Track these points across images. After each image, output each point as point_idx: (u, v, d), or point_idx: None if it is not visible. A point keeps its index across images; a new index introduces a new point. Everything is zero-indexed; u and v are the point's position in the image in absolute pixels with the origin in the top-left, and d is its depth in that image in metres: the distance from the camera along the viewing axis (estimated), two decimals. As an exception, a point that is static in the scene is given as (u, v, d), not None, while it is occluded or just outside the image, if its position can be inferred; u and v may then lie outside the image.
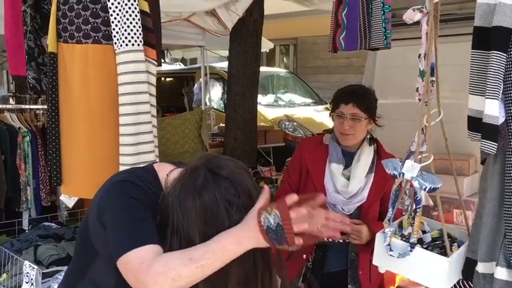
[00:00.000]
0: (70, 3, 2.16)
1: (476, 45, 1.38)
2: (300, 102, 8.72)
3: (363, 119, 2.25)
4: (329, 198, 2.28)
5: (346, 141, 2.29)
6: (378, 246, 1.55)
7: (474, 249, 1.44)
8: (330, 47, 3.72)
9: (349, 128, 2.24)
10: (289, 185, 2.42)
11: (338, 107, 2.29)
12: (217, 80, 8.53)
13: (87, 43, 2.15)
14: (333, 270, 2.35)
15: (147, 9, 2.18)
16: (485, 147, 1.34)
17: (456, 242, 1.60)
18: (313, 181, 2.32)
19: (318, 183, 2.30)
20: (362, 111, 2.25)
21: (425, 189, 1.45)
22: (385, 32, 3.40)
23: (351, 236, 2.18)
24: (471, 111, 1.40)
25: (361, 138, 2.31)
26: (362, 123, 2.25)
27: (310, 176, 2.34)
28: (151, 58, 2.20)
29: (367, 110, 2.27)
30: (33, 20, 2.77)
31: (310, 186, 2.33)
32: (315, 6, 5.84)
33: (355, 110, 2.24)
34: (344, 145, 2.32)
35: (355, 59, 10.01)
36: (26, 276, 2.50)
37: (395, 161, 1.52)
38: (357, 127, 2.25)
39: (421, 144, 1.53)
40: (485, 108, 1.31)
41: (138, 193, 1.30)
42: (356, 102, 2.25)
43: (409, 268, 1.48)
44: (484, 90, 1.31)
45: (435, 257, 1.45)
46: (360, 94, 2.31)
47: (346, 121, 2.24)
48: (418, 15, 1.46)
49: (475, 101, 1.38)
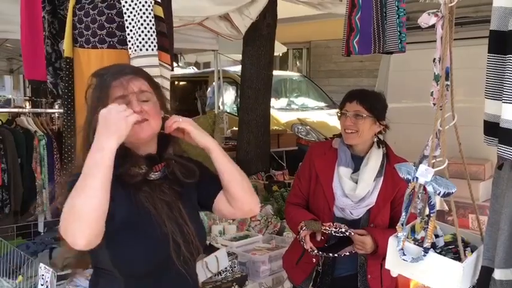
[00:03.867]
0: (86, 9, 2.20)
1: (493, 49, 1.37)
2: (313, 106, 8.70)
3: (365, 116, 2.25)
4: (337, 202, 2.28)
5: (350, 139, 2.30)
6: (391, 250, 1.54)
7: (490, 257, 1.43)
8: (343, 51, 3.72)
9: (351, 125, 2.26)
10: (300, 189, 2.44)
11: (343, 106, 2.33)
12: (230, 84, 8.56)
13: (103, 48, 2.18)
14: (342, 274, 2.34)
15: (162, 14, 2.21)
16: (503, 153, 1.32)
17: (469, 247, 1.59)
18: (322, 185, 2.33)
19: (326, 188, 2.31)
20: (365, 109, 2.26)
21: (440, 194, 1.44)
22: (400, 36, 3.38)
23: (355, 247, 2.18)
24: (487, 115, 1.39)
25: (366, 138, 2.31)
26: (365, 121, 2.26)
27: (319, 181, 2.35)
28: (165, 62, 2.23)
29: (370, 109, 2.28)
30: (50, 26, 2.81)
31: (319, 190, 2.35)
32: (328, 10, 5.84)
33: (358, 107, 2.27)
34: (348, 144, 2.33)
35: (369, 63, 9.98)
36: (41, 279, 2.52)
37: (408, 165, 1.51)
38: (359, 125, 2.25)
39: (435, 149, 1.52)
40: (502, 113, 1.29)
41: None
42: (359, 100, 2.28)
43: (422, 273, 1.47)
44: (501, 94, 1.30)
45: (449, 262, 1.44)
46: (365, 94, 2.35)
47: (349, 118, 2.27)
48: (433, 19, 1.46)
49: (491, 106, 1.36)
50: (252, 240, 3.27)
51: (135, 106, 1.45)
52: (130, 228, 1.45)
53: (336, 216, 2.31)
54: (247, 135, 5.76)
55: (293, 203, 2.45)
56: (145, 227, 1.46)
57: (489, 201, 1.54)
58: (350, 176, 2.30)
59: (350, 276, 2.33)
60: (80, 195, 1.29)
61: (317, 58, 11.78)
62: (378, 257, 2.21)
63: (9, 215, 4.01)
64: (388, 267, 1.58)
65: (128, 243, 1.45)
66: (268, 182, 4.98)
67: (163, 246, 1.46)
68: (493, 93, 1.36)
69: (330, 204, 2.30)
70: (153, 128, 1.49)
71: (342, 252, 2.22)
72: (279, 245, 3.21)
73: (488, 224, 1.46)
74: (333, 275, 2.34)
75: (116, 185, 1.39)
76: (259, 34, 5.62)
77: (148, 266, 1.47)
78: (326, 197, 2.31)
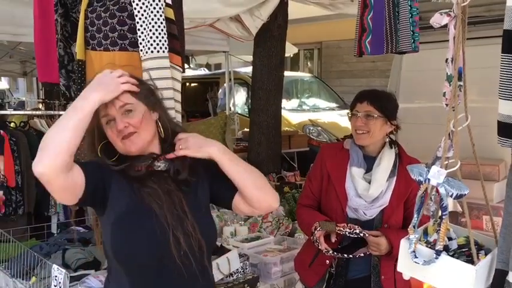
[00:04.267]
0: (98, 12, 2.20)
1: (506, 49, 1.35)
2: (324, 107, 8.68)
3: (376, 116, 2.24)
4: (350, 202, 2.27)
5: (361, 140, 2.29)
6: (403, 252, 1.53)
7: (504, 260, 1.41)
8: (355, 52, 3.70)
9: (363, 125, 2.25)
10: (311, 191, 2.43)
11: (354, 107, 2.32)
12: (241, 85, 8.56)
13: (114, 50, 2.18)
14: (356, 276, 2.33)
15: (173, 16, 2.21)
16: (517, 153, 1.30)
17: (483, 250, 1.57)
18: (334, 186, 2.32)
19: (339, 189, 2.30)
20: (376, 109, 2.25)
21: (452, 196, 1.43)
22: (413, 35, 3.35)
23: (370, 248, 2.17)
24: (501, 116, 1.37)
25: (378, 138, 2.29)
26: (376, 121, 2.24)
27: (331, 182, 2.34)
28: (176, 64, 2.23)
29: (381, 109, 2.27)
30: (63, 29, 2.83)
31: (331, 191, 2.34)
32: (339, 10, 5.82)
33: (369, 107, 2.25)
34: (360, 144, 2.31)
35: (381, 63, 9.93)
36: (54, 280, 2.54)
37: (420, 167, 1.50)
38: (370, 125, 2.24)
39: (448, 150, 1.50)
40: (517, 113, 1.27)
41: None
42: (370, 100, 2.27)
43: (435, 276, 1.46)
44: (514, 95, 1.28)
45: (462, 265, 1.42)
46: (376, 94, 2.33)
47: (360, 118, 2.26)
48: (445, 19, 1.44)
49: (505, 106, 1.35)
50: (264, 241, 3.26)
51: (119, 123, 1.48)
52: (132, 220, 1.49)
53: (349, 217, 2.30)
54: (258, 136, 5.75)
55: (304, 204, 2.44)
56: (146, 220, 1.48)
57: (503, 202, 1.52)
58: (363, 176, 2.29)
59: (363, 278, 2.32)
60: (52, 130, 1.38)
61: (328, 59, 11.75)
62: (391, 258, 2.19)
63: (23, 216, 4.06)
64: (400, 269, 1.56)
65: (128, 235, 1.48)
66: (280, 183, 4.97)
67: (162, 239, 1.48)
68: (507, 94, 1.34)
69: (343, 205, 2.29)
70: (143, 139, 1.52)
71: (356, 254, 2.20)
72: (290, 247, 3.20)
73: (503, 226, 1.44)
74: (347, 277, 2.33)
75: (119, 177, 1.43)
76: (270, 35, 5.62)
77: (148, 258, 1.49)
78: (339, 197, 2.30)
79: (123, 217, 1.49)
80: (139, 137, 1.50)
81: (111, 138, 1.53)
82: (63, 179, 1.37)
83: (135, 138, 1.49)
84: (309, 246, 2.46)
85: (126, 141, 1.49)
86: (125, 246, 1.48)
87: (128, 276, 1.51)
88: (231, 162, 1.55)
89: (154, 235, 1.48)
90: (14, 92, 18.80)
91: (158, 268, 1.50)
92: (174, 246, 1.48)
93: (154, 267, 1.50)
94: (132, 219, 1.49)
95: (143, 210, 1.49)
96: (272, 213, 3.76)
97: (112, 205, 1.48)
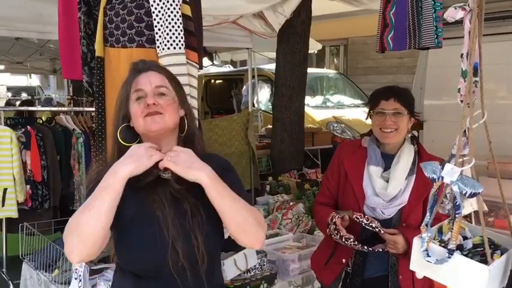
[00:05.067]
0: (116, 9, 2.24)
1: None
2: (349, 104, 8.60)
3: (405, 114, 2.21)
4: (368, 201, 2.24)
5: (389, 138, 2.23)
6: (415, 251, 1.50)
7: (520, 259, 1.37)
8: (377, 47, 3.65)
9: (392, 123, 2.20)
10: (328, 189, 2.40)
11: (378, 105, 2.24)
12: (265, 82, 8.56)
13: (132, 47, 2.22)
14: (373, 275, 2.29)
15: (189, 13, 2.23)
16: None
17: (499, 250, 1.53)
18: (351, 185, 2.29)
19: (356, 187, 2.27)
20: (403, 106, 2.21)
21: (466, 195, 1.39)
22: (436, 31, 3.30)
23: (387, 246, 2.13)
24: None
25: (404, 135, 2.26)
26: (404, 118, 2.21)
27: (349, 180, 2.31)
28: (193, 61, 2.25)
29: (408, 106, 2.23)
30: (86, 26, 2.89)
31: (349, 189, 2.31)
32: (364, 5, 5.76)
33: (397, 104, 2.20)
34: (386, 143, 2.27)
35: (408, 59, 9.77)
36: (75, 272, 2.60)
37: (434, 164, 1.47)
38: (399, 122, 2.20)
39: (463, 148, 1.47)
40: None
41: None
42: (396, 97, 2.21)
43: (447, 275, 1.43)
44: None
45: (475, 264, 1.39)
46: (398, 90, 2.28)
47: (389, 117, 2.19)
48: (460, 13, 1.41)
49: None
50: (283, 238, 3.25)
51: (150, 98, 1.47)
52: (135, 227, 1.47)
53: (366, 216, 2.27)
54: (281, 133, 5.74)
55: (321, 202, 2.42)
56: (149, 228, 1.46)
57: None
58: (381, 174, 2.25)
59: (380, 277, 2.28)
60: (86, 214, 1.35)
61: (354, 55, 11.63)
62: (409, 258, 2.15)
63: (49, 210, 4.16)
64: (412, 268, 1.54)
65: (129, 241, 1.47)
66: (301, 180, 4.95)
67: (161, 250, 1.44)
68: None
69: (360, 204, 2.26)
70: (166, 122, 1.49)
71: (375, 248, 2.16)
72: (309, 244, 3.19)
73: (518, 226, 1.40)
74: (363, 276, 2.29)
75: (128, 183, 1.41)
76: (294, 32, 5.60)
77: (145, 266, 1.47)
78: (356, 196, 2.27)
79: (127, 225, 1.47)
80: (163, 119, 1.48)
81: (135, 115, 1.50)
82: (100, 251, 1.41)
83: (158, 118, 1.47)
84: (325, 244, 2.44)
85: (149, 119, 1.46)
86: (125, 250, 1.48)
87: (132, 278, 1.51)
88: (218, 194, 1.43)
89: (154, 243, 1.45)
90: (46, 89, 19.26)
91: (156, 276, 1.49)
92: (171, 257, 1.44)
93: (151, 273, 1.49)
94: (136, 227, 1.48)
95: (147, 218, 1.47)
96: (292, 210, 3.75)
97: (120, 215, 1.45)
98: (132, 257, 1.47)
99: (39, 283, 3.05)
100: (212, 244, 1.52)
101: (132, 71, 1.58)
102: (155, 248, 1.45)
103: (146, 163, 1.39)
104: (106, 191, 1.37)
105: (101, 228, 1.34)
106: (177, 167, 1.41)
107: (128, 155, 1.41)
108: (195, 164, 1.43)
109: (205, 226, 1.51)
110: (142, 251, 1.46)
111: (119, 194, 1.37)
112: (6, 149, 3.84)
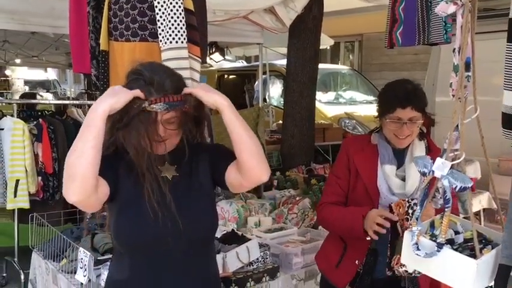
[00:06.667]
0: (120, 3, 2.27)
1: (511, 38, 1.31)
2: (361, 100, 8.56)
3: (421, 120, 2.16)
4: (383, 200, 2.19)
5: (404, 144, 2.21)
6: (406, 245, 1.51)
7: (508, 255, 1.37)
8: (386, 43, 3.64)
9: (408, 131, 2.15)
10: (340, 187, 2.30)
11: (393, 111, 2.15)
12: (277, 77, 8.56)
13: (135, 41, 2.25)
14: (383, 276, 2.22)
15: (192, 7, 2.25)
16: (518, 146, 1.27)
17: (491, 245, 1.52)
18: (364, 183, 2.23)
19: (370, 185, 2.22)
20: (419, 112, 2.15)
21: (456, 189, 1.40)
22: (445, 26, 3.27)
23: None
24: (505, 107, 1.33)
25: (415, 136, 2.24)
26: (418, 123, 2.17)
27: (360, 177, 2.26)
28: (195, 55, 2.27)
29: (423, 110, 2.18)
30: (94, 21, 2.92)
31: (360, 187, 2.25)
32: (377, 1, 5.72)
33: (413, 113, 2.13)
34: (399, 147, 2.23)
35: (423, 56, 9.66)
36: (81, 262, 2.66)
37: (425, 158, 1.47)
38: (414, 129, 2.17)
39: (455, 142, 1.47)
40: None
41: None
42: (413, 105, 2.13)
43: (437, 269, 1.43)
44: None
45: (463, 258, 1.39)
46: (414, 95, 2.18)
47: (406, 126, 2.13)
48: (451, 7, 1.41)
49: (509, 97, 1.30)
50: (287, 232, 3.27)
51: (161, 131, 1.52)
52: (132, 206, 1.55)
53: None
54: (291, 128, 5.75)
55: (332, 202, 2.29)
56: (147, 206, 1.53)
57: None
58: (395, 173, 2.22)
59: (391, 277, 2.19)
60: (72, 155, 1.41)
61: (369, 51, 11.54)
62: None
63: (60, 201, 4.23)
64: (403, 261, 1.55)
65: (129, 219, 1.55)
66: (308, 175, 4.96)
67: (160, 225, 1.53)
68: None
69: (375, 203, 2.21)
70: (172, 144, 1.59)
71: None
72: (313, 238, 3.20)
73: (508, 221, 1.40)
74: (373, 276, 2.24)
75: (125, 164, 1.52)
76: (305, 27, 5.58)
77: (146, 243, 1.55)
78: (370, 195, 2.22)
79: (128, 203, 1.55)
80: (170, 143, 1.58)
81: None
82: (94, 198, 1.45)
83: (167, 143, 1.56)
84: (332, 244, 2.38)
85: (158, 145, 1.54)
86: (125, 230, 1.55)
87: (128, 258, 1.58)
88: (235, 116, 1.53)
89: (153, 220, 1.53)
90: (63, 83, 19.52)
91: (154, 252, 1.57)
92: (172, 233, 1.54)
93: (151, 251, 1.57)
94: (133, 204, 1.55)
95: (143, 196, 1.54)
96: (298, 205, 3.77)
97: (119, 192, 1.55)
98: (131, 232, 1.54)
99: (47, 272, 3.12)
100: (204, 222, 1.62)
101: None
102: (154, 223, 1.53)
103: (125, 97, 1.45)
104: (87, 129, 1.42)
105: (88, 164, 1.38)
106: (197, 90, 1.53)
107: (107, 93, 1.47)
108: (213, 90, 1.55)
109: (201, 215, 1.62)
110: (142, 229, 1.54)
111: (101, 130, 1.41)
112: (18, 141, 3.93)
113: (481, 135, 1.53)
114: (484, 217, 4.28)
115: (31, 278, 3.41)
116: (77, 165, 1.38)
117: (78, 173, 1.38)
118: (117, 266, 1.66)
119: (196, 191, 1.64)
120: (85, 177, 1.38)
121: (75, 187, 1.38)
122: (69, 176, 1.39)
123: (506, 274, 1.36)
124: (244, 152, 1.53)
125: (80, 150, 1.39)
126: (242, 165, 1.54)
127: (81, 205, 1.45)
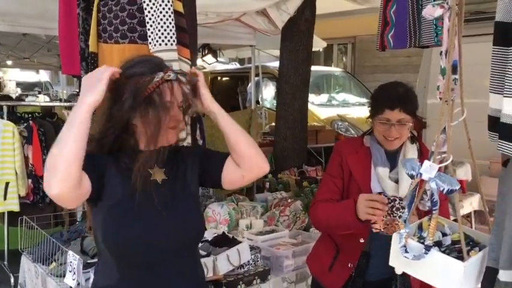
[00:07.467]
0: (109, 5, 2.26)
1: (497, 41, 1.31)
2: (354, 102, 8.59)
3: (410, 123, 2.17)
4: None
5: (393, 146, 2.21)
6: (394, 247, 1.51)
7: (495, 257, 1.37)
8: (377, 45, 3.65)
9: (396, 133, 2.16)
10: (335, 184, 2.29)
11: (382, 113, 2.17)
12: (270, 79, 8.56)
13: (124, 43, 2.24)
14: (375, 279, 2.23)
15: (181, 9, 2.24)
16: (503, 148, 1.27)
17: (478, 247, 1.53)
18: (358, 185, 2.23)
19: (364, 187, 2.21)
20: (408, 114, 2.16)
21: (443, 191, 1.40)
22: (436, 29, 3.28)
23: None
24: (491, 110, 1.34)
25: (406, 138, 2.24)
26: (408, 126, 2.18)
27: (354, 180, 2.26)
28: (185, 57, 2.27)
29: (412, 113, 2.18)
30: (84, 22, 2.91)
31: (354, 189, 2.24)
32: (369, 4, 5.75)
33: (402, 115, 2.14)
34: (389, 149, 2.24)
35: (415, 58, 9.70)
36: (70, 265, 2.64)
37: (413, 161, 1.47)
38: (403, 131, 2.17)
39: (442, 145, 1.47)
40: (503, 107, 1.24)
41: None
42: (402, 107, 2.14)
43: (424, 271, 1.43)
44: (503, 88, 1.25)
45: (451, 260, 1.39)
46: (404, 97, 2.19)
47: (394, 127, 2.14)
48: (438, 10, 1.41)
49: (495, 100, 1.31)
50: (278, 235, 3.26)
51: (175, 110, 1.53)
52: (121, 208, 1.53)
53: None
54: (284, 130, 5.75)
55: (326, 199, 2.27)
56: (137, 209, 1.52)
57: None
58: (389, 175, 2.22)
59: (383, 280, 2.21)
60: (57, 147, 1.38)
61: (362, 53, 11.59)
62: None
63: (50, 204, 4.20)
64: (391, 264, 1.55)
65: (119, 222, 1.52)
66: (300, 178, 4.96)
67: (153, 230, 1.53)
68: (497, 87, 1.30)
69: None
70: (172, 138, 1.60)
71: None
72: (304, 241, 3.20)
73: (494, 223, 1.40)
74: (365, 279, 2.24)
75: (112, 164, 1.51)
76: (297, 29, 5.60)
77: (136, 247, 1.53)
78: None
79: (116, 204, 1.53)
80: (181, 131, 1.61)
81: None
82: (77, 193, 1.42)
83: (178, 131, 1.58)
84: (324, 246, 2.38)
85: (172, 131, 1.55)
86: (114, 233, 1.52)
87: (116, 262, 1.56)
88: (231, 121, 1.60)
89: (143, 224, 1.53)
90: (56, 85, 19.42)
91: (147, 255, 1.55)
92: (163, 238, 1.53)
93: (142, 255, 1.55)
94: (125, 207, 1.53)
95: (134, 200, 1.53)
96: (290, 207, 3.76)
97: (106, 193, 1.53)
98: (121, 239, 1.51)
99: (37, 275, 3.10)
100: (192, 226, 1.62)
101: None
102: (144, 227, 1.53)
103: (100, 84, 1.43)
104: (72, 122, 1.40)
105: (72, 157, 1.35)
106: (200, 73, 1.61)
107: (83, 87, 1.46)
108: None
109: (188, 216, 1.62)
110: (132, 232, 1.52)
111: (84, 123, 1.39)
112: (8, 143, 3.90)
113: (468, 138, 1.54)
114: (475, 219, 4.30)
115: (20, 282, 3.38)
116: (60, 157, 1.35)
117: (62, 166, 1.34)
118: (104, 271, 1.62)
119: (184, 194, 1.64)
120: (69, 171, 1.35)
121: (57, 179, 1.34)
122: (51, 168, 1.36)
123: (493, 276, 1.36)
124: (241, 143, 1.57)
125: (63, 142, 1.37)
126: (242, 156, 1.57)
127: (62, 199, 1.40)
